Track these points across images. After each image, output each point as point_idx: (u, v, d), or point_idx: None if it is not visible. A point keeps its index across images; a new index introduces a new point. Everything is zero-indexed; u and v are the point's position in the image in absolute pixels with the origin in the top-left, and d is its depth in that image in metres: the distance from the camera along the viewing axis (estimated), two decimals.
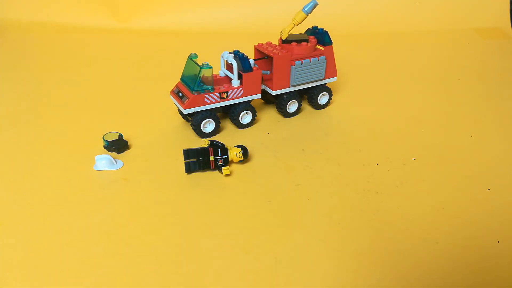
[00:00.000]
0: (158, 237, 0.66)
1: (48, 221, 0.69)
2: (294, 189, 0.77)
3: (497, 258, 0.63)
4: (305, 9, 0.94)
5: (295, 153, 0.87)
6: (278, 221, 0.70)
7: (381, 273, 0.60)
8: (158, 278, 0.59)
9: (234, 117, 0.94)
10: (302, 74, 0.97)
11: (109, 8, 1.73)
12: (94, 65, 1.35)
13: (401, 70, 1.30)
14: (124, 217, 0.70)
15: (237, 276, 0.60)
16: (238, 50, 0.93)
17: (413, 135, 0.94)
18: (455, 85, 1.20)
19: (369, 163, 0.84)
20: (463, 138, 0.93)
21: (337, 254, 0.63)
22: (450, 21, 1.68)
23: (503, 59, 1.38)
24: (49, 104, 1.08)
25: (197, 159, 0.80)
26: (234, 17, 1.71)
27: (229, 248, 0.64)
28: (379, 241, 0.66)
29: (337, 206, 0.73)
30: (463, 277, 0.60)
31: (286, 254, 0.63)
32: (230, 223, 0.69)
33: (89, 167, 0.82)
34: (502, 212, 0.72)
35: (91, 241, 0.66)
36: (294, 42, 0.97)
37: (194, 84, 0.88)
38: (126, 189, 0.77)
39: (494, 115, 1.02)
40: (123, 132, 0.92)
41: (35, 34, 1.62)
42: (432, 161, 0.85)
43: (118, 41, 1.56)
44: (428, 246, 0.65)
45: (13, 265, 0.61)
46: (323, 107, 1.06)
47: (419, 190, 0.77)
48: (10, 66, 1.35)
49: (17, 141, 0.91)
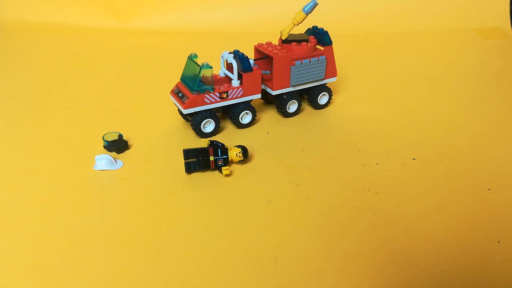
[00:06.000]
0: (158, 237, 0.66)
1: (48, 221, 0.69)
2: (294, 189, 0.77)
3: (497, 258, 0.63)
4: (305, 9, 0.94)
5: (295, 153, 0.87)
6: (278, 221, 0.70)
7: (381, 273, 0.60)
8: (158, 278, 0.59)
9: (234, 117, 0.94)
10: (302, 74, 0.97)
11: (109, 8, 1.73)
12: (94, 65, 1.35)
13: (401, 70, 1.30)
14: (124, 217, 0.70)
15: (237, 276, 0.60)
16: (238, 50, 0.93)
17: (413, 135, 0.94)
18: (455, 85, 1.20)
19: (369, 163, 0.84)
20: (463, 138, 0.93)
21: (337, 254, 0.63)
22: (450, 21, 1.68)
23: (503, 59, 1.38)
24: (49, 104, 1.08)
25: (197, 159, 0.80)
26: (234, 17, 1.71)
27: (229, 248, 0.64)
28: (379, 241, 0.66)
29: (337, 206, 0.73)
30: (463, 277, 0.60)
31: (286, 254, 0.63)
32: (230, 223, 0.69)
33: (89, 167, 0.82)
34: (502, 212, 0.72)
35: (91, 241, 0.66)
36: (294, 42, 0.97)
37: (194, 84, 0.88)
38: (126, 189, 0.77)
39: (494, 115, 1.02)
40: (123, 132, 0.92)
41: (35, 34, 1.62)
42: (432, 161, 0.85)
43: (118, 41, 1.57)
44: (428, 246, 0.65)
45: (13, 265, 0.61)
46: (323, 107, 1.06)
47: (419, 190, 0.77)
48: (10, 66, 1.35)
49: (17, 141, 0.91)
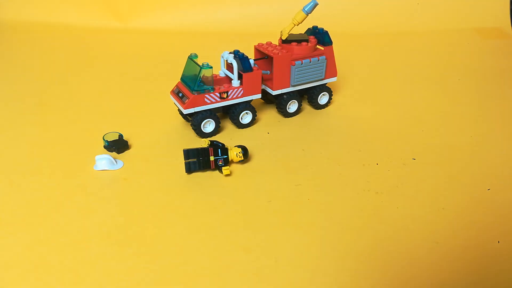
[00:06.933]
0: (158, 237, 0.66)
1: (48, 221, 0.69)
2: (294, 189, 0.77)
3: (497, 258, 0.63)
4: (305, 9, 0.94)
5: (295, 153, 0.87)
6: (278, 221, 0.70)
7: (381, 273, 0.60)
8: (158, 278, 0.59)
9: (234, 117, 0.94)
10: (302, 74, 0.97)
11: (109, 8, 1.73)
12: (94, 65, 1.35)
13: (401, 70, 1.30)
14: (124, 217, 0.70)
15: (237, 276, 0.60)
16: (238, 50, 0.93)
17: (413, 135, 0.94)
18: (455, 85, 1.20)
19: (369, 163, 0.84)
20: (463, 138, 0.93)
21: (337, 254, 0.63)
22: (450, 21, 1.68)
23: (503, 59, 1.38)
24: (49, 104, 1.08)
25: (197, 159, 0.80)
26: (234, 17, 1.71)
27: (229, 248, 0.64)
28: (379, 241, 0.66)
29: (337, 206, 0.73)
30: (463, 277, 0.60)
31: (286, 254, 0.63)
32: (230, 223, 0.69)
33: (89, 167, 0.82)
34: (502, 212, 0.72)
35: (91, 241, 0.66)
36: (294, 42, 0.97)
37: (194, 84, 0.88)
38: (126, 189, 0.77)
39: (494, 115, 1.02)
40: (123, 132, 0.92)
41: (35, 34, 1.62)
42: (432, 161, 0.85)
43: (118, 41, 1.56)
44: (428, 246, 0.65)
45: (13, 265, 0.61)
46: (323, 107, 1.06)
47: (419, 190, 0.77)
48: (10, 66, 1.35)
49: (17, 141, 0.91)
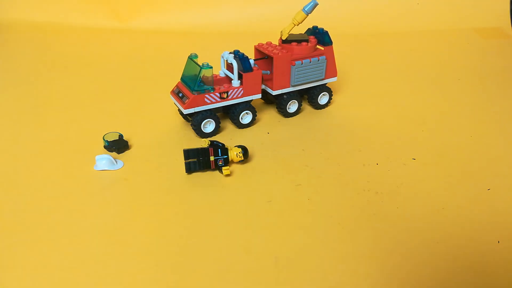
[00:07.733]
0: (158, 237, 0.66)
1: (48, 221, 0.69)
2: (294, 189, 0.77)
3: (497, 258, 0.63)
4: (305, 9, 0.94)
5: (295, 153, 0.87)
6: (278, 221, 0.70)
7: (381, 273, 0.60)
8: (158, 278, 0.59)
9: (234, 117, 0.94)
10: (302, 74, 0.97)
11: (109, 8, 1.73)
12: (94, 65, 1.35)
13: (401, 70, 1.30)
14: (124, 217, 0.70)
15: (237, 276, 0.60)
16: (238, 50, 0.93)
17: (413, 135, 0.94)
18: (455, 85, 1.20)
19: (369, 163, 0.84)
20: (463, 138, 0.93)
21: (337, 254, 0.63)
22: (450, 21, 1.68)
23: (503, 59, 1.38)
24: (49, 104, 1.08)
25: (197, 159, 0.80)
26: (234, 17, 1.71)
27: (229, 248, 0.64)
28: (379, 241, 0.66)
29: (337, 206, 0.73)
30: (463, 277, 0.60)
31: (286, 254, 0.63)
32: (230, 223, 0.69)
33: (90, 167, 0.82)
34: (502, 212, 0.72)
35: (91, 241, 0.66)
36: (294, 42, 0.97)
37: (194, 84, 0.88)
38: (126, 189, 0.77)
39: (494, 115, 1.02)
40: (123, 132, 0.92)
41: (35, 34, 1.62)
42: (432, 161, 0.85)
43: (118, 41, 1.56)
44: (428, 246, 0.65)
45: (13, 265, 0.61)
46: (323, 107, 1.06)
47: (419, 190, 0.77)
48: (10, 66, 1.35)
49: (17, 141, 0.91)
